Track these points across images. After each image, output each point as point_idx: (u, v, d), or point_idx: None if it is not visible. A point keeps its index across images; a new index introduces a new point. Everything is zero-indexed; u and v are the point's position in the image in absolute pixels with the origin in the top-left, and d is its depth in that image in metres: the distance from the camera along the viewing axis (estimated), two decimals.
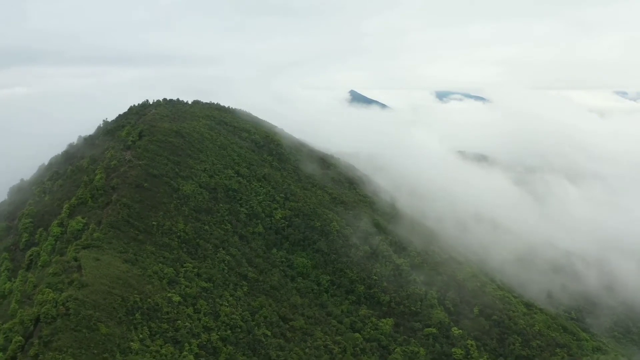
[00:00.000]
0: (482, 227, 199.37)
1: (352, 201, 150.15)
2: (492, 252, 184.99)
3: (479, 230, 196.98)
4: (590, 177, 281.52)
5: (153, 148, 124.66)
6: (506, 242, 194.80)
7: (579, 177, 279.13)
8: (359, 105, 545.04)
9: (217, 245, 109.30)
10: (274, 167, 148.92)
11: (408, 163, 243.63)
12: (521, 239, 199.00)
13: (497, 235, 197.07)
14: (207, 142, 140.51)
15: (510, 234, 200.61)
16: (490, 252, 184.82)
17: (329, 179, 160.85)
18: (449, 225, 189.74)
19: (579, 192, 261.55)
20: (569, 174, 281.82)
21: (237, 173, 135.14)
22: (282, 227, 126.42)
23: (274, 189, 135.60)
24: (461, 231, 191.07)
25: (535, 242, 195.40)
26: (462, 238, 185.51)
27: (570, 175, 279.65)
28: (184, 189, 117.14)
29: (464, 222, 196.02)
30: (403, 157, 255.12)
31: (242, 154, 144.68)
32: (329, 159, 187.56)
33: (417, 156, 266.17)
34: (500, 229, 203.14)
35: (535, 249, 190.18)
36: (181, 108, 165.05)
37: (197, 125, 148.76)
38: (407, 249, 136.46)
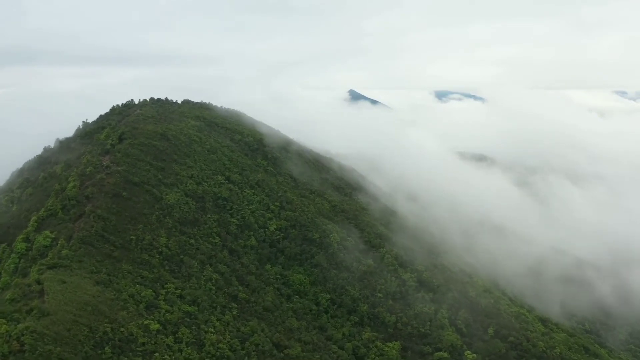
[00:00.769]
0: (488, 233, 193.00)
1: (354, 209, 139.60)
2: (500, 261, 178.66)
3: (485, 237, 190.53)
4: (592, 178, 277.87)
5: (134, 152, 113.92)
6: (514, 250, 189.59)
7: (581, 178, 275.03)
8: (358, 105, 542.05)
9: (203, 262, 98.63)
10: (269, 173, 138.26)
11: (408, 164, 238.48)
12: (529, 246, 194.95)
13: (504, 242, 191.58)
14: (196, 145, 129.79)
15: (517, 240, 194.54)
16: (498, 261, 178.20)
17: (329, 185, 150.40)
18: (453, 232, 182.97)
19: (582, 194, 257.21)
20: (570, 174, 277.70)
21: (228, 179, 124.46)
22: (277, 240, 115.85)
23: (268, 197, 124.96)
24: (466, 238, 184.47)
25: (544, 249, 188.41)
26: (468, 246, 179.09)
27: (572, 176, 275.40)
28: (168, 198, 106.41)
29: (468, 228, 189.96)
30: (402, 158, 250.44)
31: (234, 159, 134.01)
32: (328, 163, 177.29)
33: (416, 157, 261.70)
34: (506, 234, 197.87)
35: (544, 256, 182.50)
36: (169, 108, 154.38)
37: (184, 127, 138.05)
38: (414, 261, 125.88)
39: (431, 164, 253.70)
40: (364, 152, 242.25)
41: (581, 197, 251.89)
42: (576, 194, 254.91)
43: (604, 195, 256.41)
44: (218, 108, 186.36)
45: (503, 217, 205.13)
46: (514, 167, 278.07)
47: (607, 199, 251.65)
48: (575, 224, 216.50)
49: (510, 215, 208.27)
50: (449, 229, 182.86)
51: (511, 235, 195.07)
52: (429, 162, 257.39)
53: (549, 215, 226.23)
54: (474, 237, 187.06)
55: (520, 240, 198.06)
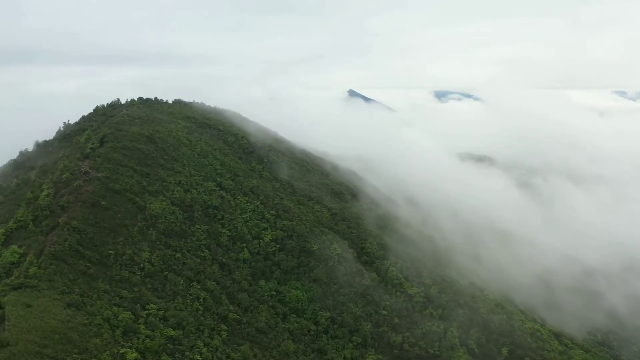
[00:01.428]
0: (493, 238, 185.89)
1: (355, 217, 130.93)
2: (508, 269, 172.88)
3: (490, 243, 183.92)
4: (594, 179, 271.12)
5: (116, 157, 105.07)
6: (521, 257, 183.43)
7: (583, 179, 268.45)
8: (357, 105, 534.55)
9: (190, 278, 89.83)
10: (264, 178, 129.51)
11: (407, 166, 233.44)
12: (536, 253, 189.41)
13: (510, 249, 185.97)
14: (185, 148, 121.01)
15: (523, 246, 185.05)
16: (505, 270, 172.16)
17: (328, 191, 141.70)
18: (457, 238, 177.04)
19: (585, 196, 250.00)
20: (571, 175, 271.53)
21: (220, 186, 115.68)
22: (273, 252, 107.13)
23: (263, 205, 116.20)
24: (471, 245, 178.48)
25: (551, 256, 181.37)
26: (474, 253, 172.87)
27: (574, 177, 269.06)
28: (152, 208, 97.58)
29: (472, 233, 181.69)
30: (402, 160, 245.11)
31: (227, 163, 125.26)
32: (327, 166, 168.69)
33: (416, 159, 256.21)
34: (512, 240, 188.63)
35: (552, 263, 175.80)
36: (158, 108, 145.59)
37: (174, 128, 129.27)
38: (420, 274, 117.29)
39: (431, 166, 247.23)
40: (362, 153, 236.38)
41: (585, 199, 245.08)
42: (579, 195, 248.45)
43: (608, 197, 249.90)
44: (211, 108, 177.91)
45: (507, 221, 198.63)
46: (515, 167, 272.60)
47: (611, 200, 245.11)
48: (580, 228, 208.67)
49: (514, 219, 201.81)
50: (452, 236, 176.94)
51: (517, 240, 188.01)
52: (429, 164, 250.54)
53: (553, 219, 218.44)
54: (479, 243, 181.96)
55: (526, 245, 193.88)
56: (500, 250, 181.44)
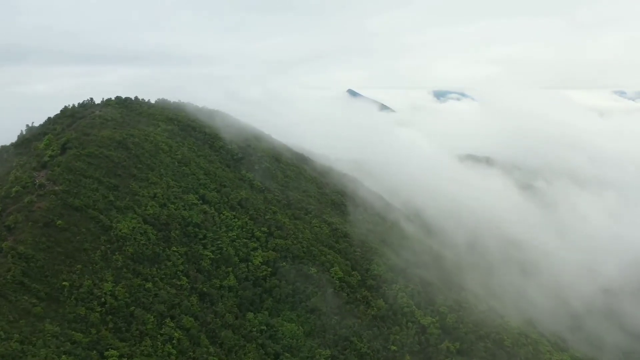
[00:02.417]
0: (503, 250, 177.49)
1: (359, 232, 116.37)
2: (523, 286, 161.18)
3: (500, 255, 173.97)
4: (598, 182, 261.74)
5: (79, 166, 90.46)
6: (535, 272, 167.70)
7: (586, 182, 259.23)
8: (355, 105, 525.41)
9: (162, 314, 75.29)
10: (255, 188, 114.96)
11: (408, 170, 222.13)
12: (550, 266, 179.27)
13: (523, 262, 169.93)
14: (163, 155, 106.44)
15: (535, 258, 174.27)
16: (521, 288, 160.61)
17: (328, 202, 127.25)
18: (467, 252, 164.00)
19: (592, 201, 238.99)
20: (573, 177, 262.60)
21: (202, 199, 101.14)
22: (263, 277, 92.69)
23: (253, 221, 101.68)
24: (481, 258, 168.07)
25: (567, 269, 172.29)
26: (486, 269, 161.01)
27: (576, 179, 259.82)
28: (120, 227, 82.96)
29: (480, 245, 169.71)
30: (401, 163, 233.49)
31: (212, 172, 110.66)
32: (326, 173, 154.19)
33: (416, 162, 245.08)
34: (523, 251, 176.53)
35: (570, 280, 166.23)
36: (137, 109, 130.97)
37: (152, 132, 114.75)
38: (434, 300, 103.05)
39: (432, 169, 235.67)
40: (361, 155, 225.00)
41: (591, 204, 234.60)
42: (585, 200, 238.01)
43: (615, 201, 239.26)
44: (199, 109, 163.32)
45: (515, 228, 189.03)
46: (516, 169, 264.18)
47: (619, 205, 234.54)
48: (590, 234, 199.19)
49: (522, 226, 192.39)
50: (460, 248, 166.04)
51: (528, 251, 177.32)
52: (429, 167, 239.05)
53: (562, 225, 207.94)
54: (489, 256, 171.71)
55: (539, 257, 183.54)
56: (513, 264, 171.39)
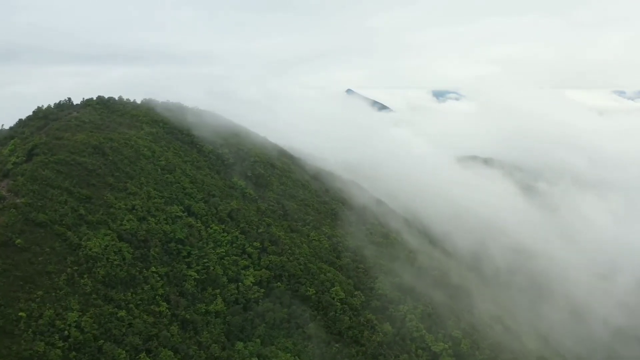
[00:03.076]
0: (511, 259, 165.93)
1: (362, 246, 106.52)
2: (537, 300, 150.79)
3: (509, 264, 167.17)
4: (601, 183, 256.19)
5: (46, 175, 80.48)
6: (547, 282, 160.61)
7: (589, 183, 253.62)
8: (354, 105, 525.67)
9: (137, 348, 65.37)
10: (247, 198, 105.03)
11: (406, 172, 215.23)
12: (561, 276, 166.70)
13: (533, 272, 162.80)
14: (145, 162, 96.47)
15: (545, 266, 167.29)
16: (534, 301, 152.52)
17: (328, 211, 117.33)
18: (474, 263, 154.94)
19: (596, 203, 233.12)
20: (576, 178, 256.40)
21: (188, 210, 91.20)
22: (255, 299, 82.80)
23: (244, 235, 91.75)
24: (491, 269, 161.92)
25: (579, 279, 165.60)
26: (497, 282, 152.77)
27: (578, 181, 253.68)
28: (90, 246, 72.97)
29: (488, 255, 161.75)
30: (400, 165, 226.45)
31: (199, 179, 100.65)
32: (325, 179, 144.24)
33: (414, 164, 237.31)
34: (532, 259, 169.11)
35: (583, 294, 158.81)
36: (120, 110, 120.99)
37: (134, 135, 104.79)
38: (446, 322, 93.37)
39: (432, 172, 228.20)
40: (359, 157, 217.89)
41: (595, 207, 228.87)
42: (589, 202, 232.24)
43: (621, 204, 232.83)
44: (189, 110, 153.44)
45: (521, 234, 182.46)
46: (517, 170, 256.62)
47: (625, 209, 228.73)
48: (599, 239, 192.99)
49: (529, 233, 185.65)
50: (467, 258, 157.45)
51: (537, 259, 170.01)
52: (429, 170, 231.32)
53: (567, 229, 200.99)
54: (497, 266, 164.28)
55: (548, 265, 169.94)
56: (522, 275, 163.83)
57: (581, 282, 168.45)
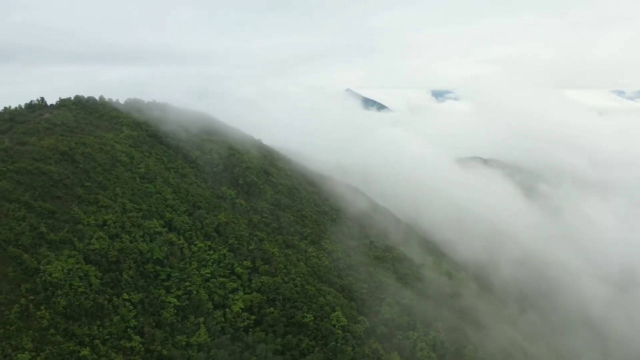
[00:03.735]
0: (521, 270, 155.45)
1: (366, 263, 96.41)
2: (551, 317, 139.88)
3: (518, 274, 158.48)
4: (603, 185, 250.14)
5: (3, 187, 70.20)
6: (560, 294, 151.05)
7: (590, 185, 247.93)
8: (353, 105, 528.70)
9: None
10: (238, 209, 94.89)
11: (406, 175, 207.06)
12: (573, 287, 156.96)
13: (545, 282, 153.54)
14: (122, 169, 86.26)
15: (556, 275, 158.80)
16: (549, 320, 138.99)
17: (328, 222, 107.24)
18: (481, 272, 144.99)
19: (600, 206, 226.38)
20: (577, 179, 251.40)
21: (169, 225, 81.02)
22: (245, 328, 72.52)
23: (233, 253, 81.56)
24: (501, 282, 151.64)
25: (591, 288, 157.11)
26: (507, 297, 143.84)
27: (581, 182, 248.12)
28: (50, 270, 62.75)
29: (494, 263, 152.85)
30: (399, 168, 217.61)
31: (184, 189, 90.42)
32: (325, 185, 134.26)
33: (412, 165, 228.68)
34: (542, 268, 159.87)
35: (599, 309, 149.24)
36: (99, 110, 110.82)
37: (111, 139, 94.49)
38: (462, 351, 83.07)
39: (432, 174, 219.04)
40: (358, 160, 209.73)
41: (601, 210, 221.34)
42: (594, 205, 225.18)
43: (623, 206, 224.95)
44: (179, 110, 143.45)
45: (528, 240, 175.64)
46: (518, 171, 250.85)
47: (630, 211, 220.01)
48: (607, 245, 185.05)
49: (535, 237, 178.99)
50: (475, 269, 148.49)
51: (548, 268, 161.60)
52: (430, 173, 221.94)
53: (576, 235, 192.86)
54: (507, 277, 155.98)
55: (560, 274, 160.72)
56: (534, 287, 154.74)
57: (597, 295, 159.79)
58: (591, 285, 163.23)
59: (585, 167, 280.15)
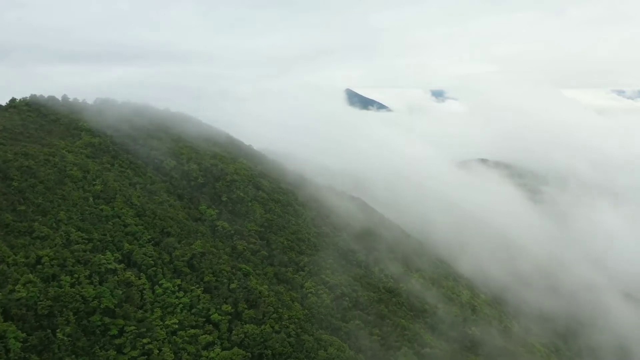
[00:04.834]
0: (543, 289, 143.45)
1: (374, 298, 79.40)
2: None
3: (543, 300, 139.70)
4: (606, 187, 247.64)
5: None
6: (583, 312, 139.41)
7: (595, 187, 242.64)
8: (355, 107, 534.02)
9: None
10: (220, 234, 78.02)
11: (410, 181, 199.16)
12: (606, 316, 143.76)
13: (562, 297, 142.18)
14: (71, 186, 69.42)
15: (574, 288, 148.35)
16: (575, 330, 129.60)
17: (330, 246, 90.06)
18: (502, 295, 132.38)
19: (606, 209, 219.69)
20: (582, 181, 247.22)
21: (127, 260, 64.12)
22: None
23: (210, 294, 64.64)
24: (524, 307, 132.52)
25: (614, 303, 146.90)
26: (535, 325, 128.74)
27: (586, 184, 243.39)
28: None
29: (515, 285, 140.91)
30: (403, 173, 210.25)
31: (150, 211, 73.37)
32: (324, 198, 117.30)
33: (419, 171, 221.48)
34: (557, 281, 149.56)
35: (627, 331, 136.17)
36: (57, 112, 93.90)
37: (63, 148, 77.52)
38: None
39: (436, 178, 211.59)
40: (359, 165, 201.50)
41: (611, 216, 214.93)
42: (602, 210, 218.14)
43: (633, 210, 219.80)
44: (159, 112, 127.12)
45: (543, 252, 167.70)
46: (519, 172, 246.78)
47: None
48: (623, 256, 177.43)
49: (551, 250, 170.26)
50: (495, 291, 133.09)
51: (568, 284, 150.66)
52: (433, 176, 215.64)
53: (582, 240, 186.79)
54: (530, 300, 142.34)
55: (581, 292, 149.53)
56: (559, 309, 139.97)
57: (626, 319, 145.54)
58: (619, 307, 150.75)
59: (588, 169, 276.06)
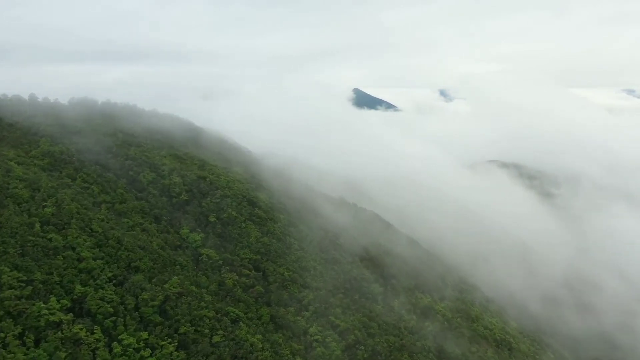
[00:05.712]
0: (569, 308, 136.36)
1: (396, 347, 64.50)
2: None
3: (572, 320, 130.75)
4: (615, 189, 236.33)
5: None
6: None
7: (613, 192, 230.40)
8: (363, 106, 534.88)
9: None
10: (203, 267, 63.32)
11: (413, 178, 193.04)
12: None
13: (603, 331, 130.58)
14: (11, 210, 55.06)
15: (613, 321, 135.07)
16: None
17: (340, 280, 74.92)
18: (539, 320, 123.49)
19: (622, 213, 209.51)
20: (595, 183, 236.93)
21: (79, 307, 49.53)
22: None
23: (186, 351, 49.93)
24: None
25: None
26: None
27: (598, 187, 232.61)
28: None
29: (552, 319, 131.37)
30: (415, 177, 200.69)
31: (114, 239, 58.70)
32: (332, 216, 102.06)
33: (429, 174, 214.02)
34: (592, 306, 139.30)
35: None
36: (16, 115, 79.82)
37: (10, 157, 63.35)
38: None
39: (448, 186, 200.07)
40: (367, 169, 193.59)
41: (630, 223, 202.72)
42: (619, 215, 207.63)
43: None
44: (146, 114, 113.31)
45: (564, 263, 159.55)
46: (533, 175, 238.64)
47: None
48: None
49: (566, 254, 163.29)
50: (534, 326, 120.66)
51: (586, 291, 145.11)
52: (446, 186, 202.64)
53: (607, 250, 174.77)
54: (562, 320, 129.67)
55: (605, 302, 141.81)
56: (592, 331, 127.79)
57: None
58: None
59: (600, 169, 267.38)
